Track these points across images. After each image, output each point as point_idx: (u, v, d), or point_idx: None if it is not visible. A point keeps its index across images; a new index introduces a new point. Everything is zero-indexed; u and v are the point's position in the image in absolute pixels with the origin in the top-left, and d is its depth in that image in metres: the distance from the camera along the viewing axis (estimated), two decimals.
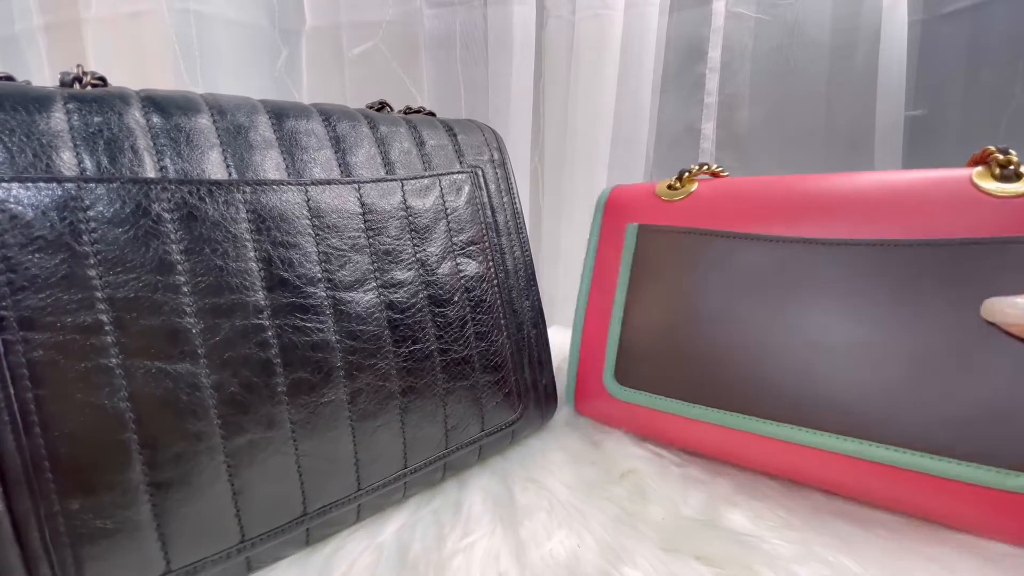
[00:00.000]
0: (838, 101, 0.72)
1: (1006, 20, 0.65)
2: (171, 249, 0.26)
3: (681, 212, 0.43)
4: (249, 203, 0.28)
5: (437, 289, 0.36)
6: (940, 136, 0.72)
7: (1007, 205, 0.30)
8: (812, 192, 0.37)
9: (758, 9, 0.73)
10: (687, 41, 0.76)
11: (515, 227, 0.42)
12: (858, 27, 0.70)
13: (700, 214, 0.42)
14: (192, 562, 0.27)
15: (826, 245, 0.35)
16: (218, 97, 0.31)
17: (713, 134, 0.76)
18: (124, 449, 0.24)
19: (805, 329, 0.35)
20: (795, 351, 0.35)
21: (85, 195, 0.24)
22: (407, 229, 0.35)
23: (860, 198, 0.35)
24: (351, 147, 0.34)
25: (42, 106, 0.24)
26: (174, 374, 0.25)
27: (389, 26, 0.69)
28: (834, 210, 0.36)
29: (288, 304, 0.29)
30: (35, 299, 0.22)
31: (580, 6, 0.69)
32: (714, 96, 0.75)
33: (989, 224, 0.31)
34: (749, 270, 0.38)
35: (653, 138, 0.78)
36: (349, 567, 0.31)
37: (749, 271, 0.38)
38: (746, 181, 0.42)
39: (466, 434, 0.38)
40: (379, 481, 0.33)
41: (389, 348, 0.33)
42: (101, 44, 0.59)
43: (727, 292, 0.38)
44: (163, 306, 0.25)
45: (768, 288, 0.37)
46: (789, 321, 0.36)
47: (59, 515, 0.23)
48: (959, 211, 0.32)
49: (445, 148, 0.40)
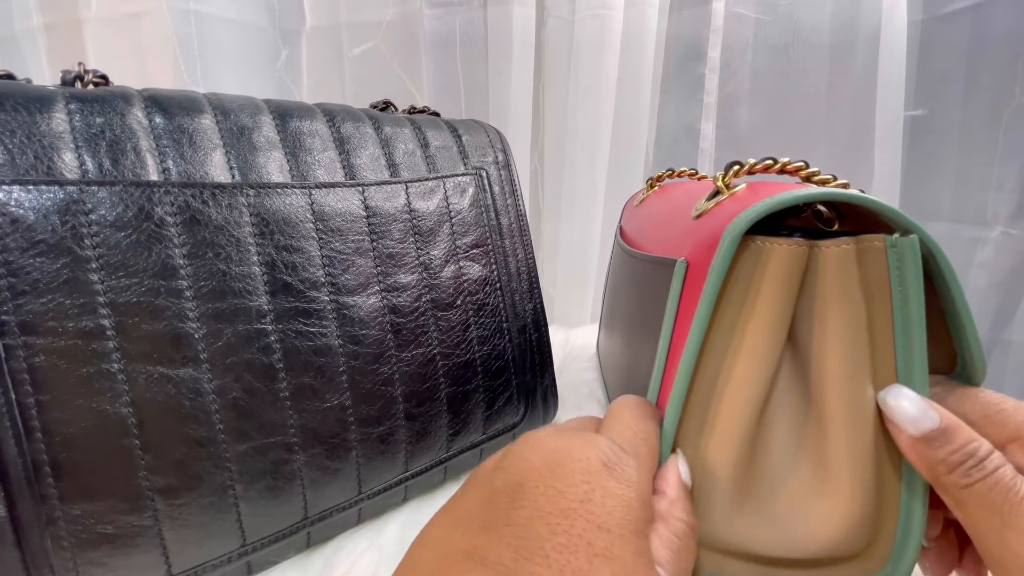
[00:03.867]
0: (838, 101, 0.72)
1: (1006, 20, 0.65)
2: (174, 253, 0.25)
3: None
4: (252, 207, 0.28)
5: (440, 293, 0.36)
6: (940, 136, 0.72)
7: (688, 224, 0.29)
8: (644, 215, 0.41)
9: (758, 9, 0.73)
10: (687, 41, 0.76)
11: (518, 229, 0.42)
12: (858, 27, 0.69)
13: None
14: (193, 566, 0.27)
15: (638, 259, 0.36)
16: (221, 97, 0.30)
17: (713, 134, 0.76)
18: (126, 454, 0.24)
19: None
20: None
21: (87, 198, 0.24)
22: (411, 232, 0.35)
23: (660, 221, 0.35)
24: (355, 148, 0.34)
25: (43, 106, 0.24)
26: (176, 379, 0.25)
27: (389, 26, 0.69)
28: (647, 230, 0.38)
29: (291, 309, 0.29)
30: (36, 304, 0.22)
31: (580, 6, 0.69)
32: (714, 96, 0.75)
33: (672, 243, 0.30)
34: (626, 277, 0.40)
35: (653, 138, 0.78)
36: (350, 567, 0.31)
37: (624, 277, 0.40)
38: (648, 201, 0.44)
39: (468, 438, 0.38)
40: (380, 485, 0.33)
41: (392, 352, 0.33)
42: (101, 44, 0.59)
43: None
44: (165, 311, 0.25)
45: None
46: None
47: (60, 520, 0.23)
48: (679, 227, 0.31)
49: (449, 149, 0.39)
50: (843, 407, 0.22)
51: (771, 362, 0.23)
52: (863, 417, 0.22)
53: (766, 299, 0.22)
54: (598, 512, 0.18)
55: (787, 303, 0.22)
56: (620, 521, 0.18)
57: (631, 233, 0.42)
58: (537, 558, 0.17)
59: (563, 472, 0.19)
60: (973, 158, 0.69)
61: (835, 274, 0.22)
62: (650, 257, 0.30)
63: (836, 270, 0.22)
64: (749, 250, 0.22)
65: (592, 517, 0.18)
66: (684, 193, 0.34)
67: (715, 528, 0.23)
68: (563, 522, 0.18)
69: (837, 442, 0.22)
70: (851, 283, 0.22)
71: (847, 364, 0.22)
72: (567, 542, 0.17)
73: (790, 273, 0.22)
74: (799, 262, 0.22)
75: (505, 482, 0.20)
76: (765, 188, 0.23)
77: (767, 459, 0.23)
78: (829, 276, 0.22)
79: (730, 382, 0.23)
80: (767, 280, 0.22)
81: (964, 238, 0.71)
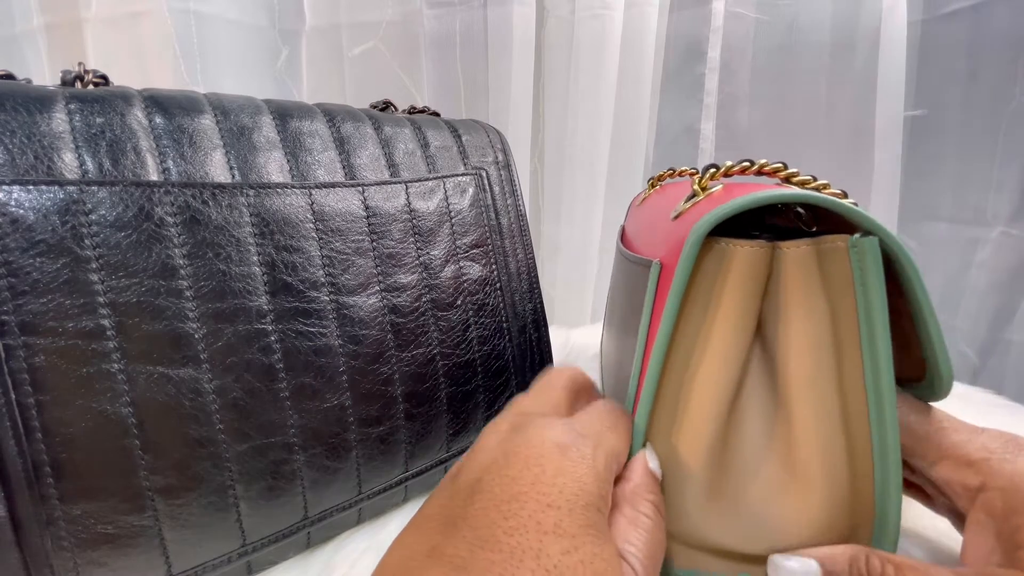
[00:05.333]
0: (838, 101, 0.72)
1: (1006, 20, 0.65)
2: (174, 253, 0.25)
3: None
4: (253, 207, 0.28)
5: (440, 293, 0.36)
6: (940, 136, 0.72)
7: (668, 225, 0.28)
8: (640, 215, 0.41)
9: (758, 9, 0.73)
10: (687, 41, 0.75)
11: (519, 229, 0.42)
12: (858, 27, 0.69)
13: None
14: (193, 566, 0.27)
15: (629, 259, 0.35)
16: (221, 97, 0.30)
17: (712, 134, 0.76)
18: (126, 454, 0.24)
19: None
20: None
21: (87, 198, 0.24)
22: (411, 232, 0.35)
23: (649, 222, 0.35)
24: (355, 148, 0.34)
25: (43, 107, 0.24)
26: (176, 379, 0.25)
27: (389, 26, 0.69)
28: (640, 230, 0.38)
29: (291, 309, 0.29)
30: (36, 304, 0.22)
31: (580, 6, 0.69)
32: (713, 96, 0.75)
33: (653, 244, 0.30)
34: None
35: (653, 138, 0.78)
36: (350, 568, 0.31)
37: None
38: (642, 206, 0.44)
39: (468, 438, 0.38)
40: (380, 485, 0.33)
41: (392, 353, 0.33)
42: (101, 44, 0.59)
43: None
44: (165, 311, 0.25)
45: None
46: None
47: (61, 520, 0.23)
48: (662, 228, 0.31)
49: (450, 149, 0.39)
50: (810, 407, 0.22)
51: (737, 361, 0.23)
52: (831, 417, 0.22)
53: (730, 299, 0.22)
54: (547, 491, 0.19)
55: (751, 303, 0.23)
56: (570, 497, 0.19)
57: (630, 233, 0.42)
58: (490, 545, 0.18)
59: (517, 459, 0.20)
60: (973, 158, 0.69)
61: (795, 275, 0.22)
62: (636, 258, 0.31)
63: (796, 271, 0.22)
64: (714, 251, 0.22)
65: (541, 497, 0.19)
66: (675, 194, 0.34)
67: (689, 524, 0.24)
68: (514, 506, 0.18)
69: (806, 441, 0.22)
70: (812, 285, 0.22)
71: (812, 365, 0.22)
72: (517, 524, 0.18)
73: (753, 274, 0.22)
74: (761, 263, 0.22)
75: (466, 479, 0.21)
76: (740, 189, 0.23)
77: (738, 455, 0.24)
78: (790, 277, 0.22)
79: (698, 379, 0.23)
80: (730, 281, 0.22)
81: (964, 238, 0.71)
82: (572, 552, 0.18)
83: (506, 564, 0.17)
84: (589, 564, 0.17)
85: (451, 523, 0.19)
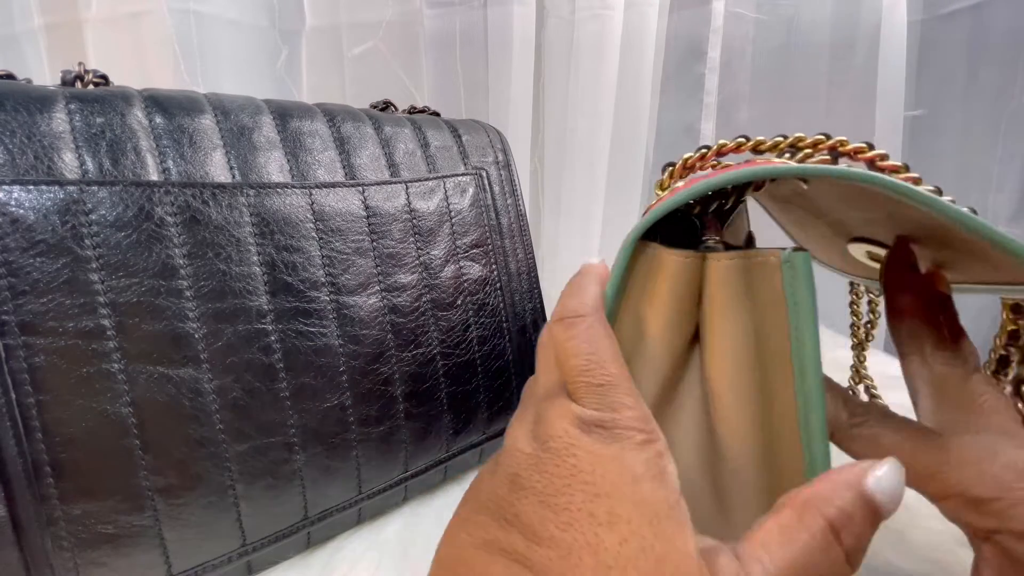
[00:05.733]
0: (838, 101, 0.72)
1: (1006, 20, 0.65)
2: (174, 253, 0.25)
3: None
4: (253, 207, 0.28)
5: (440, 293, 0.36)
6: (940, 136, 0.72)
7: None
8: None
9: (758, 9, 0.73)
10: (687, 41, 0.76)
11: (519, 229, 0.42)
12: (858, 27, 0.70)
13: None
14: (193, 566, 0.27)
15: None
16: (221, 97, 0.30)
17: (713, 134, 0.76)
18: (126, 454, 0.24)
19: None
20: None
21: (87, 198, 0.24)
22: (411, 232, 0.35)
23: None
24: (355, 148, 0.34)
25: (44, 106, 0.24)
26: (176, 379, 0.25)
27: (389, 26, 0.69)
28: None
29: (291, 309, 0.29)
30: (37, 304, 0.22)
31: (580, 6, 0.69)
32: (713, 96, 0.75)
33: None
34: None
35: (653, 138, 0.78)
36: (350, 568, 0.31)
37: None
38: None
39: (468, 438, 0.38)
40: (380, 485, 0.33)
41: (392, 353, 0.33)
42: (101, 44, 0.59)
43: None
44: (166, 311, 0.25)
45: None
46: None
47: (61, 520, 0.23)
48: None
49: (450, 149, 0.39)
50: (732, 424, 0.22)
51: (664, 361, 0.23)
52: (756, 433, 0.21)
53: (660, 303, 0.22)
54: (590, 479, 0.18)
55: (679, 311, 0.22)
56: (614, 480, 0.18)
57: None
58: (546, 542, 0.17)
59: (548, 454, 0.19)
60: (973, 158, 0.69)
61: (719, 288, 0.21)
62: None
63: (720, 284, 0.21)
64: (645, 255, 0.22)
65: (587, 487, 0.18)
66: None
67: None
68: (561, 500, 0.17)
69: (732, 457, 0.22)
70: (736, 299, 0.21)
71: (734, 377, 0.21)
72: (569, 519, 0.17)
73: (684, 280, 0.22)
74: (688, 273, 0.22)
75: (505, 476, 0.20)
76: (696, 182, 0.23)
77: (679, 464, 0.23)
78: (715, 289, 0.22)
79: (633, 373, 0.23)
80: (659, 285, 0.22)
81: None
82: (630, 539, 0.16)
83: (564, 561, 0.16)
84: (651, 551, 0.16)
85: (502, 518, 0.18)
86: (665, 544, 0.16)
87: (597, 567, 0.16)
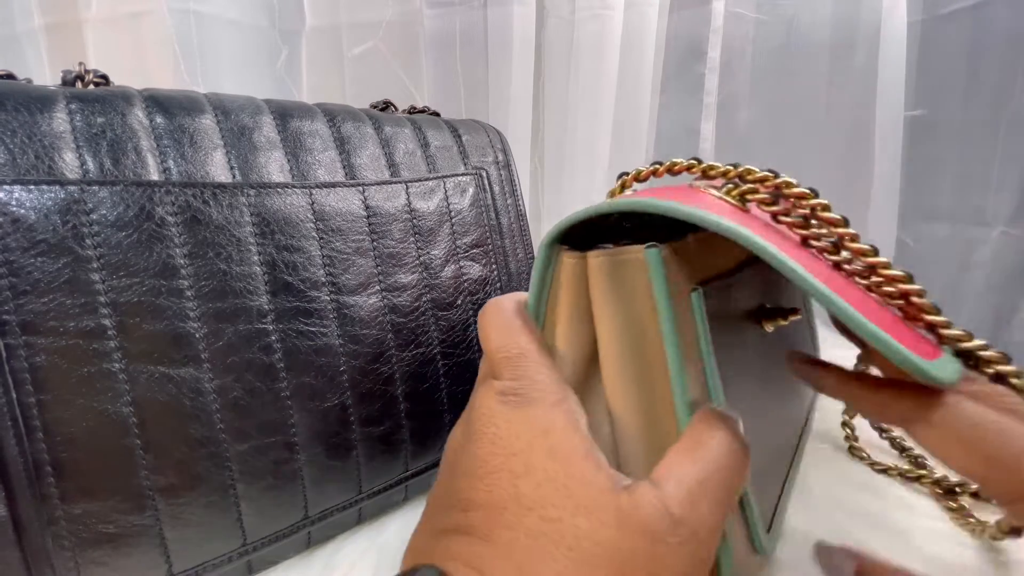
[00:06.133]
0: (838, 101, 0.72)
1: (1006, 20, 0.65)
2: (175, 253, 0.25)
3: None
4: (253, 206, 0.28)
5: (440, 292, 0.36)
6: (940, 136, 0.72)
7: None
8: None
9: (758, 9, 0.73)
10: (687, 41, 0.75)
11: (519, 229, 0.42)
12: (858, 27, 0.69)
13: None
14: (194, 566, 0.27)
15: None
16: (222, 97, 0.30)
17: (712, 134, 0.76)
18: (127, 454, 0.24)
19: None
20: None
21: (88, 198, 0.24)
22: (411, 232, 0.35)
23: None
24: (355, 148, 0.34)
25: (44, 106, 0.24)
26: (177, 379, 0.25)
27: (389, 26, 0.69)
28: None
29: (292, 308, 0.29)
30: (37, 303, 0.22)
31: (580, 6, 0.69)
32: (713, 96, 0.75)
33: None
34: None
35: (653, 138, 0.78)
36: (350, 568, 0.31)
37: None
38: None
39: None
40: (381, 485, 0.33)
41: (392, 352, 0.33)
42: (101, 44, 0.59)
43: None
44: (166, 311, 0.25)
45: None
46: None
47: (61, 519, 0.23)
48: None
49: (450, 149, 0.39)
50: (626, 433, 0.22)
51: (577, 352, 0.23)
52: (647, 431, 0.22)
53: (564, 300, 0.23)
54: (507, 441, 0.20)
55: (576, 310, 0.23)
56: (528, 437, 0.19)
57: None
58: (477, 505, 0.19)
59: (474, 433, 0.21)
60: (973, 158, 0.69)
61: (595, 285, 0.22)
62: None
63: (595, 280, 0.22)
64: (554, 257, 0.23)
65: (505, 449, 0.19)
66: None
67: None
68: (487, 467, 0.19)
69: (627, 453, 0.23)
70: (610, 294, 0.22)
71: (618, 371, 0.22)
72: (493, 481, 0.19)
73: (573, 282, 0.23)
74: (576, 272, 0.23)
75: (445, 468, 0.22)
76: (647, 194, 0.24)
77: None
78: (592, 285, 0.22)
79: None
80: (562, 284, 0.23)
81: (964, 238, 0.71)
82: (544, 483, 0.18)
83: (493, 515, 0.18)
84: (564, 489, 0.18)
85: (448, 505, 0.20)
86: (578, 481, 0.18)
87: (519, 511, 0.18)
